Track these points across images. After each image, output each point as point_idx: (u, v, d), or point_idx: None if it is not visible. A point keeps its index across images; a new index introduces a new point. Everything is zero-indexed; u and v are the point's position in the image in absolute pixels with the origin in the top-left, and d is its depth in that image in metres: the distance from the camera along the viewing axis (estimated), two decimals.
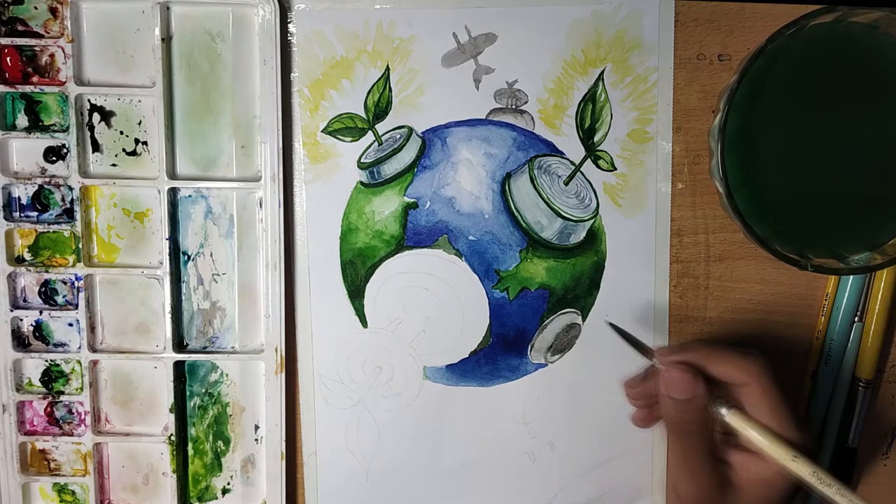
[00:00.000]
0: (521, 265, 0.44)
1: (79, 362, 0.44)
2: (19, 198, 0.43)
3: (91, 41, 0.42)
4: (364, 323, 0.45)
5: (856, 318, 0.44)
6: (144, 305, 0.44)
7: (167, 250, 0.43)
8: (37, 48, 0.42)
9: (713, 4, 0.43)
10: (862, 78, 0.38)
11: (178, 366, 0.44)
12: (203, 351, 0.45)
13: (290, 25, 0.43)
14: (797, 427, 0.37)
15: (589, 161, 0.44)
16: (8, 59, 0.42)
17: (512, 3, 0.42)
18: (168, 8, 0.42)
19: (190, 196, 0.44)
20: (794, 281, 0.45)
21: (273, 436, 0.44)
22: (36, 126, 0.43)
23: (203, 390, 0.45)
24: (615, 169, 0.44)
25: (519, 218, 0.44)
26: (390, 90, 0.43)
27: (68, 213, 0.44)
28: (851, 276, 0.44)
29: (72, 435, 0.45)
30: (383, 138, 0.44)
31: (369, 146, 0.44)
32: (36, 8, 0.42)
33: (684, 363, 0.39)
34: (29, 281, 0.44)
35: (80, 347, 0.44)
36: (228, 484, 0.46)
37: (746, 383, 0.38)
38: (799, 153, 0.39)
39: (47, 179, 0.43)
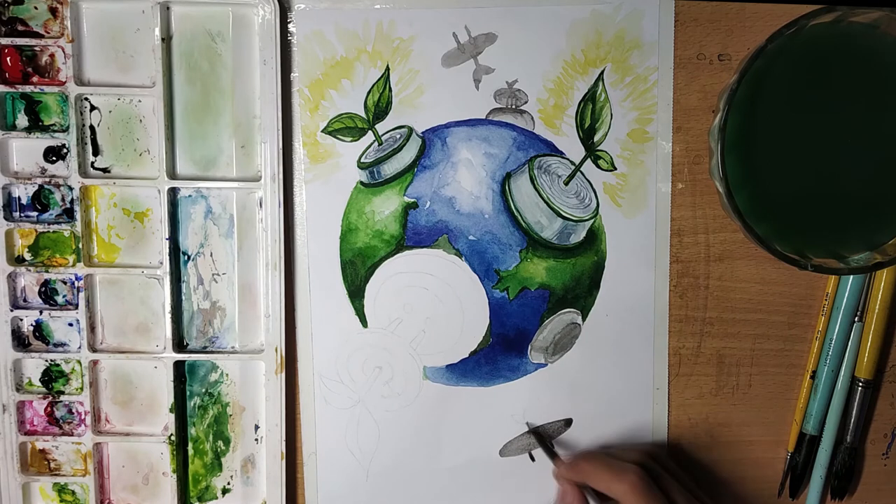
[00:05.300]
0: (521, 265, 0.44)
1: (79, 362, 0.44)
2: (19, 198, 0.43)
3: (91, 41, 0.42)
4: (364, 323, 0.45)
5: (856, 318, 0.44)
6: (144, 305, 0.44)
7: (167, 250, 0.43)
8: (37, 48, 0.42)
9: (713, 4, 0.43)
10: (862, 78, 0.38)
11: (178, 366, 0.44)
12: (203, 351, 0.45)
13: (290, 25, 0.43)
14: None
15: (589, 161, 0.44)
16: (8, 59, 0.42)
17: (512, 3, 0.42)
18: (168, 8, 0.42)
19: (190, 196, 0.44)
20: (794, 281, 0.45)
21: (273, 436, 0.44)
22: (36, 126, 0.43)
23: (203, 390, 0.45)
24: (615, 169, 0.44)
25: (519, 218, 0.44)
26: (390, 90, 0.43)
27: (68, 213, 0.44)
28: (851, 276, 0.44)
29: (72, 435, 0.45)
30: (383, 138, 0.44)
31: (369, 146, 0.44)
32: (36, 8, 0.42)
33: (574, 480, 0.42)
34: (29, 281, 0.44)
35: (80, 347, 0.44)
36: (228, 484, 0.46)
37: (619, 501, 0.39)
38: (799, 153, 0.39)
39: (47, 179, 0.43)
